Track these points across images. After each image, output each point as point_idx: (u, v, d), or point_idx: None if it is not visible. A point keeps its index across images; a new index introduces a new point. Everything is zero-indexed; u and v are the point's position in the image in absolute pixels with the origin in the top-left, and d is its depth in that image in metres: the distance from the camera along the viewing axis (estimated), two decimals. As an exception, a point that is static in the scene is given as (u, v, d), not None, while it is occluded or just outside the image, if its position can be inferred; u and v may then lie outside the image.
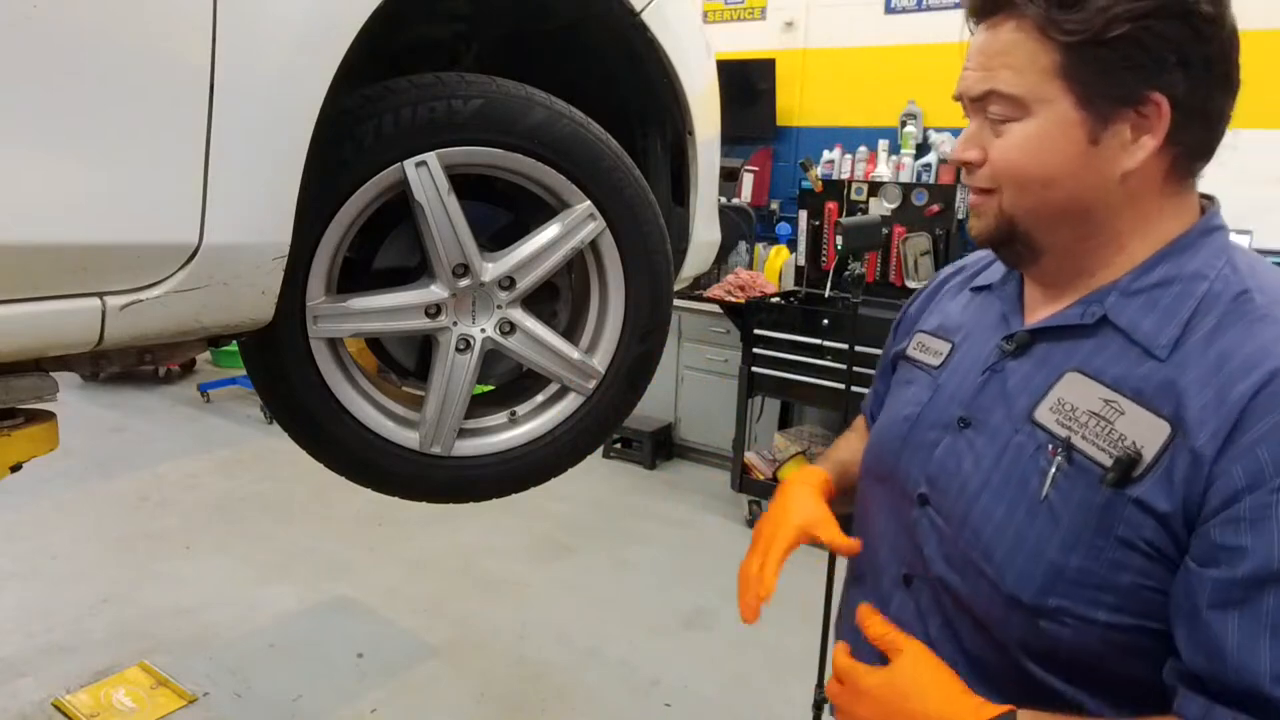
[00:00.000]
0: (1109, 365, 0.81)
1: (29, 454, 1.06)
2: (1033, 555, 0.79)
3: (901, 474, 0.95)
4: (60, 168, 0.81)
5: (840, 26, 4.69)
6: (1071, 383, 0.82)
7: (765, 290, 4.41)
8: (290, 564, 3.52)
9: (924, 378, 0.99)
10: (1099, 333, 0.83)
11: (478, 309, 1.24)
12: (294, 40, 0.94)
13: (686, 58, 1.39)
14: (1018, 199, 0.83)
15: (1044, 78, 0.79)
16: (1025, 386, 0.86)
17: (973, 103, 0.85)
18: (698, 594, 3.37)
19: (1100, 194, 0.81)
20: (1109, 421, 0.78)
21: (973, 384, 0.91)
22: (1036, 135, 0.80)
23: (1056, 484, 0.79)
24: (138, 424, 5.16)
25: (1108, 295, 0.83)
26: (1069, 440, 0.80)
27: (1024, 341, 0.88)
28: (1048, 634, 0.79)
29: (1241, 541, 0.69)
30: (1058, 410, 0.82)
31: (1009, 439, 0.85)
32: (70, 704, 2.56)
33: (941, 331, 1.01)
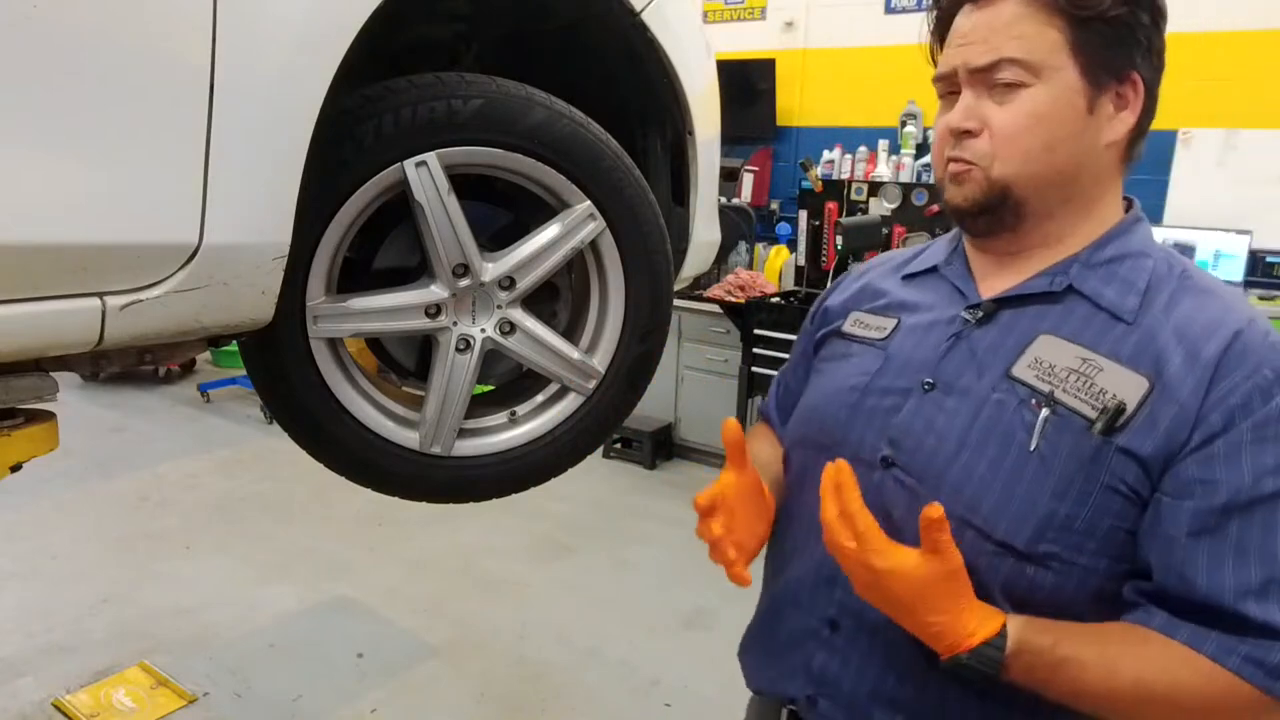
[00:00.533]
0: (1080, 329, 0.88)
1: (29, 454, 1.06)
2: (1025, 504, 0.84)
3: (854, 440, 0.97)
4: (60, 168, 0.81)
5: (840, 26, 4.69)
6: (1046, 344, 0.89)
7: (765, 290, 4.41)
8: (290, 564, 3.52)
9: (867, 350, 1.02)
10: (1064, 300, 0.90)
11: (478, 309, 1.24)
12: (294, 40, 0.94)
13: (686, 58, 1.39)
14: (1021, 165, 0.88)
15: (1054, 48, 0.85)
16: (997, 350, 0.91)
17: (973, 74, 0.88)
18: (698, 594, 3.37)
19: (1088, 160, 0.89)
20: (1088, 377, 0.85)
21: (934, 350, 0.95)
22: (1048, 99, 0.86)
23: (1045, 434, 0.84)
24: (138, 424, 5.16)
25: (1070, 266, 0.91)
26: (1052, 394, 0.85)
27: (989, 310, 0.94)
28: (1032, 579, 0.84)
29: (1215, 475, 0.79)
30: (1036, 368, 0.88)
31: (986, 397, 0.89)
32: (70, 704, 2.56)
33: (881, 310, 1.05)
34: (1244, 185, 3.73)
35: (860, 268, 1.17)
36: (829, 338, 1.10)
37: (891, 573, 0.83)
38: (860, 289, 1.11)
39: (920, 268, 1.06)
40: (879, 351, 1.00)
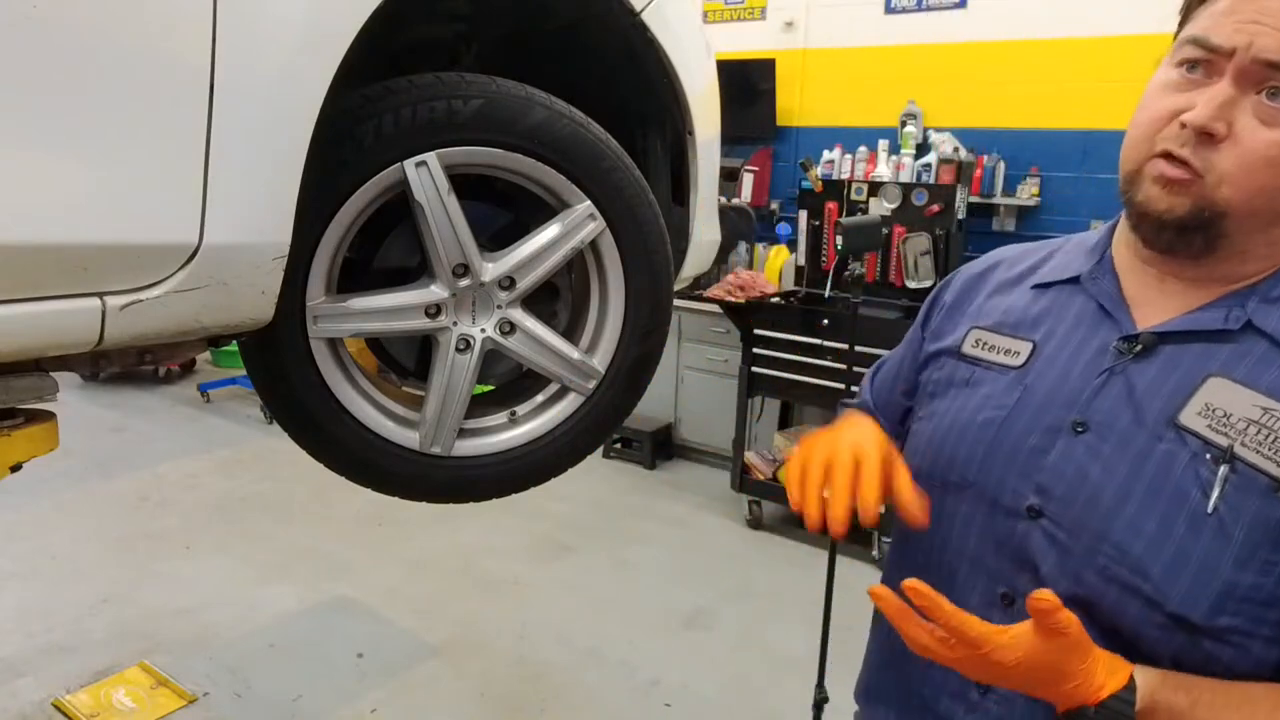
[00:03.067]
0: (1258, 373, 0.77)
1: (29, 454, 1.05)
2: (1202, 572, 0.74)
3: (993, 483, 0.87)
4: (60, 168, 0.81)
5: (840, 26, 4.69)
6: (1218, 388, 0.78)
7: (765, 290, 4.41)
8: (290, 564, 3.52)
9: (998, 377, 0.90)
10: (1240, 339, 0.79)
11: (478, 309, 1.24)
12: (294, 40, 0.94)
13: (686, 58, 1.39)
14: (1248, 198, 0.75)
15: None
16: (1158, 391, 0.80)
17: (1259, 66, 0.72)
18: (698, 594, 3.37)
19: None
20: (1271, 430, 0.74)
21: (1083, 386, 0.84)
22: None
23: (1225, 496, 0.74)
24: (138, 424, 5.16)
25: (1248, 300, 0.79)
26: (1231, 449, 0.75)
27: (1149, 343, 0.82)
28: (1208, 654, 0.75)
29: None
30: (1207, 416, 0.77)
31: (1152, 446, 0.78)
32: (70, 704, 2.56)
33: (1010, 330, 0.92)
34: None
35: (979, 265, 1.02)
36: (942, 356, 0.97)
37: (1020, 664, 0.74)
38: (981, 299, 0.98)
39: (1056, 277, 0.92)
40: (1014, 381, 0.88)
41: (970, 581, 0.88)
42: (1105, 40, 3.99)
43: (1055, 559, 0.81)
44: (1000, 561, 0.86)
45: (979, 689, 0.87)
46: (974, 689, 0.88)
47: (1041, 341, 0.89)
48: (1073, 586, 0.80)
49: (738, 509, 4.19)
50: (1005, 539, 0.83)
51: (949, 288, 1.03)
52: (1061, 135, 4.17)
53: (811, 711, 2.25)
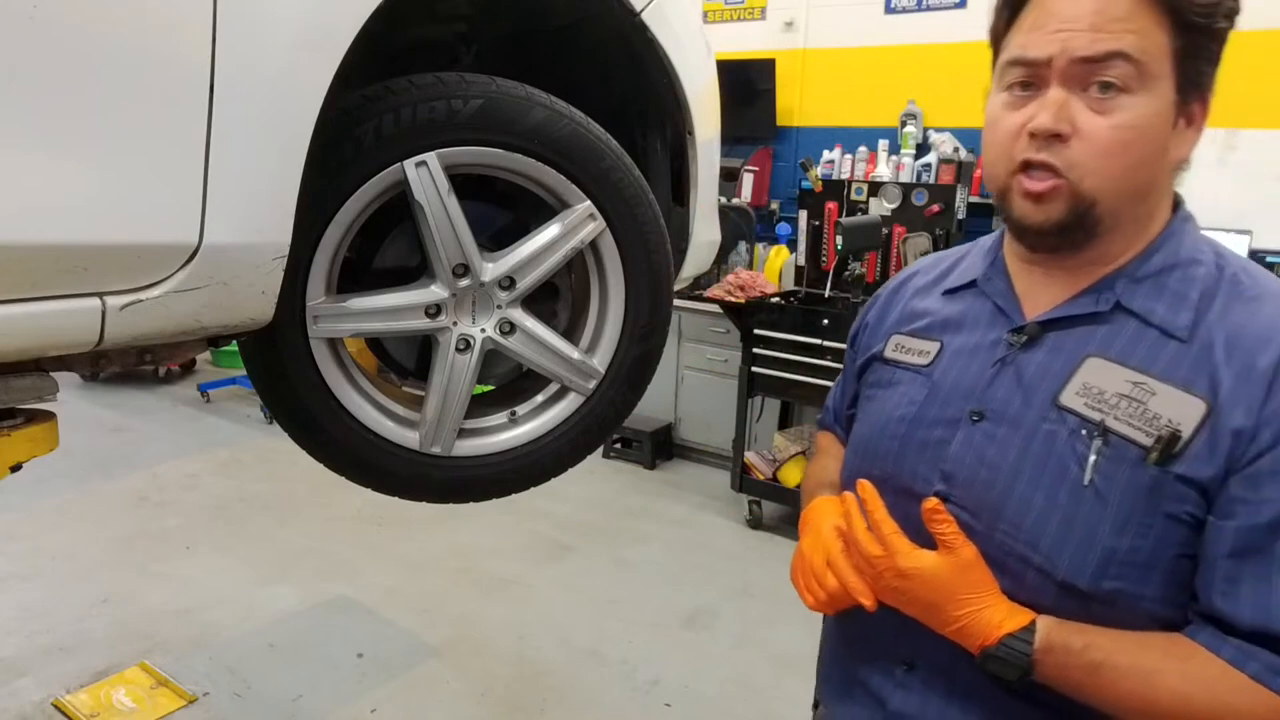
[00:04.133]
0: (1130, 349, 0.83)
1: (29, 454, 1.05)
2: (1084, 540, 0.80)
3: (906, 474, 0.94)
4: (60, 168, 0.81)
5: (840, 26, 4.69)
6: (1094, 367, 0.84)
7: (765, 290, 4.41)
8: (290, 564, 3.52)
9: (913, 377, 0.98)
10: (1111, 319, 0.85)
11: (478, 309, 1.24)
12: (294, 40, 0.94)
13: (686, 58, 1.39)
14: (1111, 181, 0.81)
15: (1161, 53, 0.79)
16: (1044, 375, 0.86)
17: (1074, 65, 0.79)
18: (698, 594, 3.37)
19: (1160, 178, 0.84)
20: (1141, 402, 0.80)
21: (979, 377, 0.91)
22: (1150, 113, 0.79)
23: (1099, 467, 0.80)
24: (138, 424, 5.16)
25: (1116, 282, 0.86)
26: (1103, 423, 0.81)
27: (1034, 334, 0.89)
28: (1099, 617, 0.81)
29: (1260, 494, 0.75)
30: (1085, 394, 0.83)
31: (1036, 427, 0.85)
32: (70, 704, 2.56)
33: (923, 332, 1.00)
34: (1244, 185, 3.73)
35: (896, 280, 1.11)
36: (872, 363, 1.05)
37: (916, 572, 0.84)
38: (900, 309, 1.06)
39: (960, 282, 1.00)
40: (924, 379, 0.96)
41: None
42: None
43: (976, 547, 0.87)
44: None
45: (904, 665, 0.94)
46: (899, 665, 0.94)
47: (947, 341, 0.97)
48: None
49: (738, 509, 4.19)
50: (920, 524, 0.88)
51: (871, 308, 1.12)
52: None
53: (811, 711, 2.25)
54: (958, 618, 0.83)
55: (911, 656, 0.94)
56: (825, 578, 0.93)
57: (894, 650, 0.95)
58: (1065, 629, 0.80)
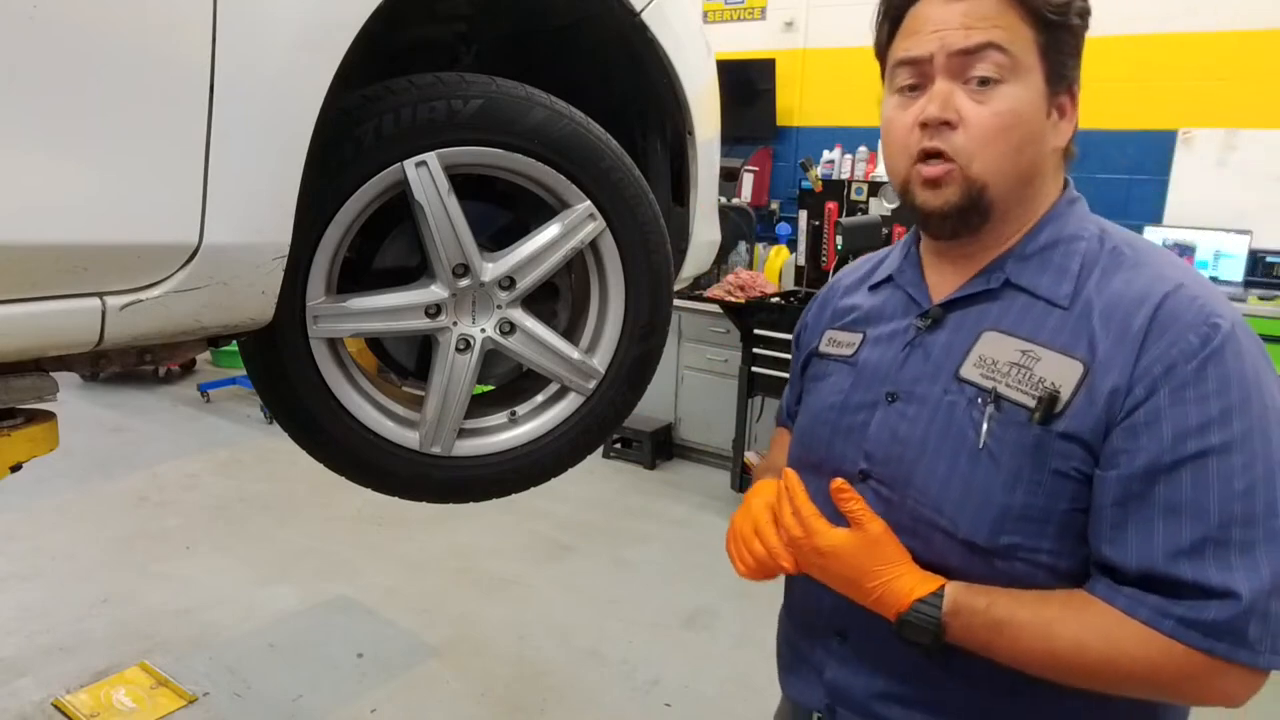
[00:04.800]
0: (1020, 321, 0.90)
1: (29, 454, 1.06)
2: (981, 500, 0.86)
3: (836, 457, 1.00)
4: (60, 168, 0.81)
5: (840, 26, 4.69)
6: (989, 340, 0.91)
7: (765, 290, 4.41)
8: (290, 564, 3.52)
9: (841, 367, 1.05)
10: (1003, 295, 0.92)
11: (478, 309, 1.24)
12: (294, 40, 0.94)
13: (686, 58, 1.39)
14: (997, 163, 0.88)
15: (1028, 47, 0.87)
16: (947, 353, 0.94)
17: (952, 59, 0.87)
18: (698, 594, 3.37)
19: (1042, 163, 0.91)
20: (1028, 368, 0.86)
21: (893, 361, 0.98)
22: (1026, 99, 0.87)
23: (991, 431, 0.87)
24: (138, 424, 5.16)
25: (1005, 262, 0.93)
26: (995, 390, 0.88)
27: (937, 315, 0.96)
28: (1003, 572, 0.86)
29: (1137, 444, 0.80)
30: (981, 366, 0.90)
31: (940, 400, 0.92)
32: (70, 704, 2.56)
33: (850, 325, 1.08)
34: (1244, 185, 3.73)
35: (830, 282, 1.19)
36: (811, 359, 1.12)
37: (831, 549, 0.91)
38: (832, 307, 1.13)
39: (880, 277, 1.07)
40: (850, 368, 1.03)
41: None
42: (1103, 40, 3.98)
43: (882, 512, 0.93)
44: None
45: (837, 637, 1.00)
46: (834, 637, 1.01)
47: (869, 332, 1.04)
48: (897, 534, 0.92)
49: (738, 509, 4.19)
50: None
51: (810, 309, 1.19)
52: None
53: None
54: (872, 589, 0.89)
55: (844, 628, 0.99)
56: (753, 544, 1.01)
57: (829, 623, 1.01)
58: (970, 591, 0.86)
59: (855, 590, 0.91)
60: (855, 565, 0.90)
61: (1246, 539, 0.77)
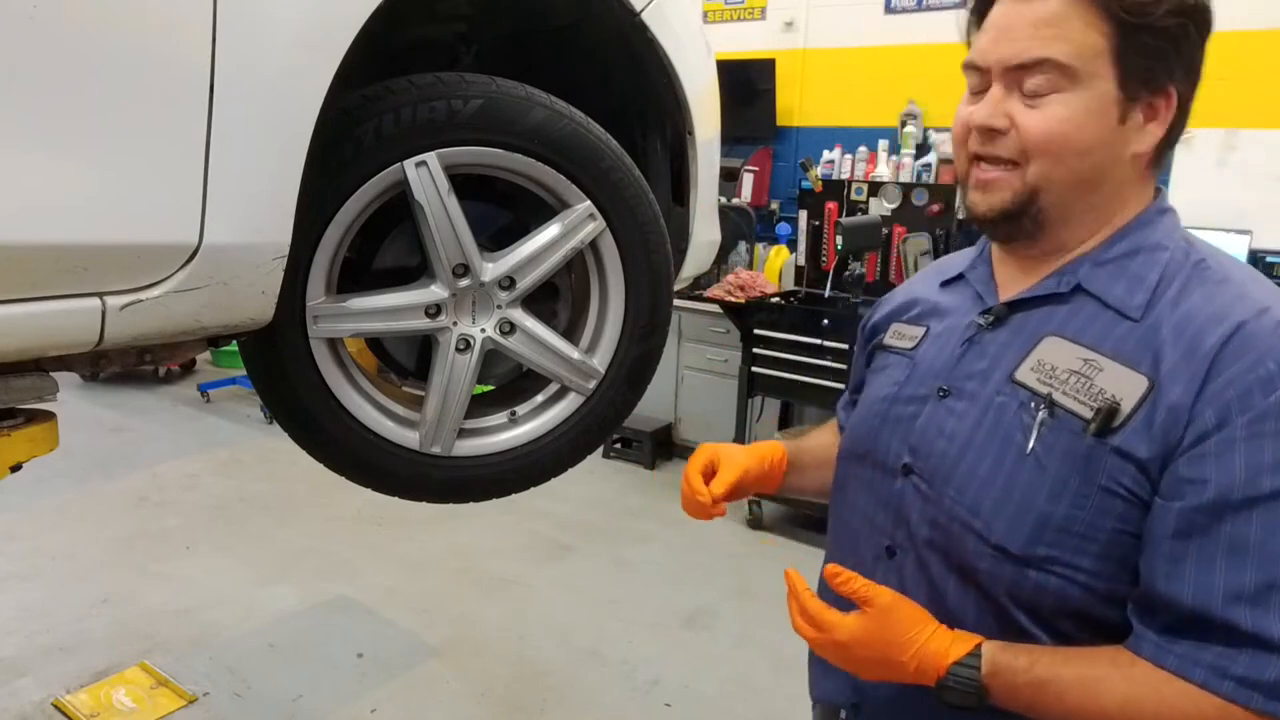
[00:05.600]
0: (1085, 328, 0.86)
1: (29, 454, 1.06)
2: (1021, 506, 0.84)
3: (881, 449, 0.99)
4: (61, 168, 0.81)
5: (840, 26, 4.69)
6: (1050, 345, 0.88)
7: (765, 290, 4.41)
8: (290, 564, 3.52)
9: (899, 360, 1.03)
10: (1072, 300, 0.89)
11: (478, 309, 1.24)
12: (294, 40, 0.94)
13: (686, 58, 1.39)
14: (1050, 169, 0.85)
15: (1095, 54, 0.82)
16: (1004, 353, 0.91)
17: (1009, 71, 0.85)
18: (698, 594, 3.36)
19: (1112, 170, 0.87)
20: (1088, 378, 0.83)
21: (950, 356, 0.96)
22: (1083, 108, 0.83)
23: (1041, 437, 0.84)
24: (138, 424, 5.16)
25: (1080, 266, 0.89)
26: (1050, 396, 0.84)
27: (1000, 314, 0.93)
28: (1036, 583, 0.83)
29: (1205, 474, 0.76)
30: (1038, 370, 0.87)
31: (991, 400, 0.89)
32: (70, 704, 2.56)
33: (915, 319, 1.06)
34: (1244, 185, 3.72)
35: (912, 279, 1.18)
36: (876, 351, 1.11)
37: (853, 639, 0.86)
38: (902, 301, 1.11)
39: (952, 274, 1.05)
40: (908, 361, 1.01)
41: (867, 540, 1.00)
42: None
43: (919, 508, 0.92)
44: (885, 518, 0.98)
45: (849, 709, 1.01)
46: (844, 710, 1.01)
47: (932, 326, 1.02)
48: (930, 531, 0.91)
49: (738, 509, 4.18)
50: (888, 497, 0.94)
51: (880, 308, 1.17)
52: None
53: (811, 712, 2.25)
54: (906, 662, 0.84)
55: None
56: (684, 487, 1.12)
57: None
58: (1009, 650, 0.82)
59: (893, 670, 0.86)
60: (881, 642, 0.85)
61: None
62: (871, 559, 0.98)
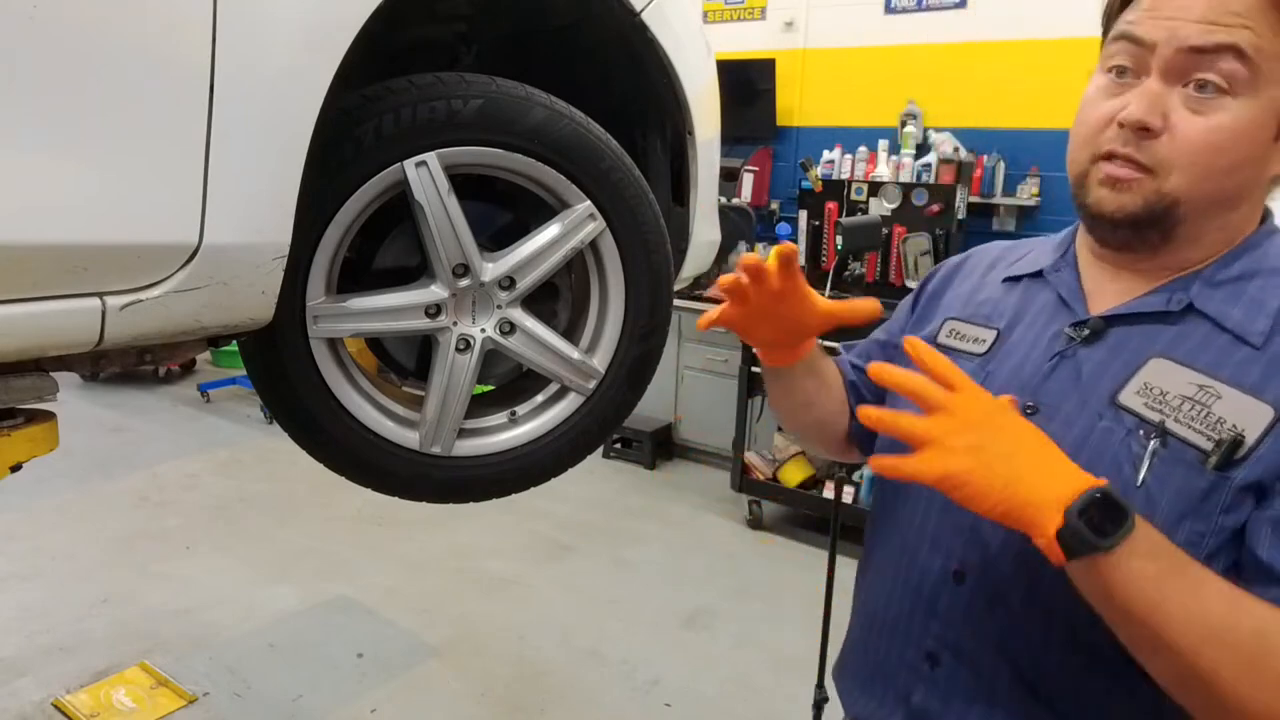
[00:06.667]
0: (1198, 352, 0.79)
1: (29, 454, 1.05)
2: None
3: None
4: (61, 168, 0.81)
5: (840, 26, 4.69)
6: (1158, 368, 0.80)
7: (765, 290, 4.41)
8: (290, 564, 3.52)
9: (967, 365, 0.92)
10: (1182, 321, 0.81)
11: (478, 309, 1.24)
12: (294, 40, 0.94)
13: (686, 58, 1.39)
14: (1195, 184, 0.77)
15: (1275, 58, 0.74)
16: (1103, 373, 0.82)
17: (1179, 55, 0.75)
18: (698, 594, 3.37)
19: (1252, 190, 0.81)
20: (1205, 405, 0.76)
21: (1036, 371, 0.87)
22: (1249, 119, 0.75)
23: (1153, 468, 0.76)
24: (138, 424, 5.16)
25: (1191, 284, 0.82)
26: (1163, 424, 0.77)
27: (1097, 328, 0.85)
28: None
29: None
30: (1145, 394, 0.79)
31: (1092, 424, 0.81)
32: (70, 704, 2.56)
33: (980, 319, 0.96)
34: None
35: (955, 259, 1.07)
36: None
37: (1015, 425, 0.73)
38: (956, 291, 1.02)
39: (1023, 271, 0.96)
40: (978, 367, 0.92)
41: (929, 560, 0.91)
42: (1105, 40, 3.98)
43: (1003, 535, 0.81)
44: (954, 540, 0.88)
45: (929, 660, 0.89)
46: (924, 660, 0.90)
47: (1005, 330, 0.93)
48: (1014, 562, 0.82)
49: (738, 509, 4.19)
50: (960, 518, 0.84)
51: (934, 277, 1.08)
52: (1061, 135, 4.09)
53: (811, 711, 2.25)
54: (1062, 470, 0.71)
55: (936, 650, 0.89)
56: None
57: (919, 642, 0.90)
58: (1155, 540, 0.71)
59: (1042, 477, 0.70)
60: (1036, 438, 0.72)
61: None
62: (935, 582, 0.90)
